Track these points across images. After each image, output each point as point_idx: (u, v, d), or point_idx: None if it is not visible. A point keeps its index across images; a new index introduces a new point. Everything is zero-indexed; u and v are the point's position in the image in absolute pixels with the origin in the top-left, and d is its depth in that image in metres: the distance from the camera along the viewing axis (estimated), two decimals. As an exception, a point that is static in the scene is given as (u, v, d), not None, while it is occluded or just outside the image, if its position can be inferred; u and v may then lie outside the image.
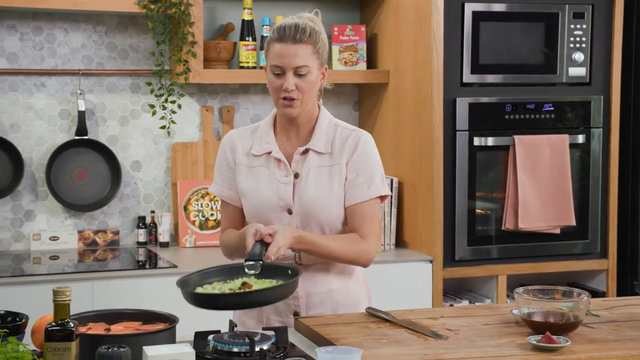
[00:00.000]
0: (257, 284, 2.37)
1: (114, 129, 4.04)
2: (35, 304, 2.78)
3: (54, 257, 3.83)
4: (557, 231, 3.92)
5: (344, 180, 2.61)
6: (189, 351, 1.84)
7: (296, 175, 2.61)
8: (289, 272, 2.39)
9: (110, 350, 1.76)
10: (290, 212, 2.59)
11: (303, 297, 2.61)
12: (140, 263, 3.82)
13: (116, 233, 4.04)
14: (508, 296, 3.99)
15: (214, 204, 4.05)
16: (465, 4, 3.78)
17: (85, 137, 3.96)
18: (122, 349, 1.77)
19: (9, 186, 3.89)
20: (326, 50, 2.64)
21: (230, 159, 2.68)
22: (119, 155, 4.01)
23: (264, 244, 2.44)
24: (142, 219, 4.04)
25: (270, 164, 2.63)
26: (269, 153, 2.63)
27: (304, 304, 2.62)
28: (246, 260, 2.41)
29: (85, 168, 3.99)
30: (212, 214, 4.04)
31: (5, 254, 3.87)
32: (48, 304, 2.83)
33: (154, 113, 3.92)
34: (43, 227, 3.96)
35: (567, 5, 3.91)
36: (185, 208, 4.03)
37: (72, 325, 1.79)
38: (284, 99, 2.55)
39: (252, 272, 2.38)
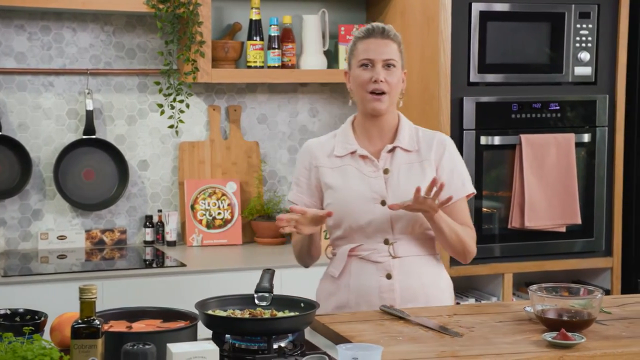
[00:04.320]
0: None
1: (122, 129, 4.05)
2: (43, 303, 2.78)
3: (62, 256, 3.84)
4: (563, 229, 3.94)
5: (435, 175, 2.64)
6: (213, 348, 1.86)
7: (386, 171, 2.67)
8: (302, 304, 2.38)
9: (136, 347, 1.77)
10: (384, 203, 2.63)
11: (398, 291, 2.65)
12: (148, 262, 3.83)
13: (123, 232, 4.05)
14: (514, 294, 4.01)
15: (221, 202, 4.07)
16: (473, 4, 3.80)
17: (93, 137, 3.97)
18: (147, 346, 1.78)
19: (17, 185, 3.90)
20: (405, 57, 2.73)
21: (310, 165, 2.73)
22: (127, 155, 4.02)
23: (272, 274, 2.47)
24: (149, 218, 4.05)
25: (356, 162, 2.69)
26: (353, 152, 2.69)
27: (399, 298, 2.65)
28: (256, 292, 2.42)
29: (93, 167, 4.01)
30: (219, 213, 4.06)
31: (13, 253, 3.88)
32: (56, 303, 2.87)
33: (162, 112, 3.93)
34: (51, 226, 3.97)
35: (573, 5, 3.94)
36: (193, 207, 4.05)
37: (98, 322, 1.80)
38: (373, 92, 2.63)
39: (263, 303, 2.40)
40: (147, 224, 4.04)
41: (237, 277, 3.57)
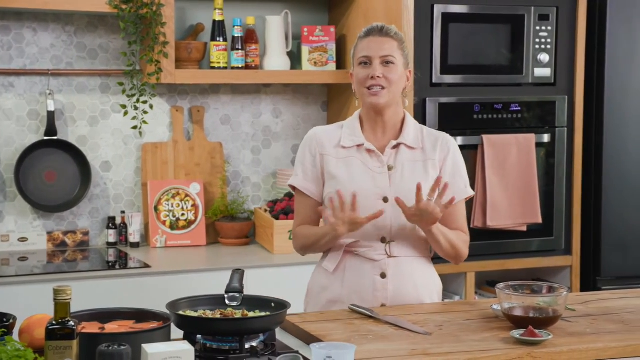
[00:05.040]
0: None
1: (84, 130, 4.03)
2: (4, 306, 2.74)
3: (23, 259, 3.80)
4: (524, 229, 4.00)
5: (438, 175, 2.66)
6: (188, 348, 1.86)
7: (389, 168, 2.69)
8: (272, 304, 2.39)
9: (111, 348, 1.77)
10: (386, 200, 2.65)
11: (390, 290, 2.67)
12: (111, 263, 3.80)
13: (86, 234, 4.03)
14: (476, 293, 4.06)
15: (185, 204, 4.06)
16: (435, 6, 3.84)
17: (55, 138, 3.93)
18: (122, 347, 1.78)
19: (-22, 187, 3.85)
20: (410, 56, 2.76)
21: (316, 152, 2.73)
22: (89, 156, 3.99)
23: (242, 275, 2.47)
24: (112, 219, 4.03)
25: (362, 156, 2.70)
26: (360, 145, 2.70)
27: (391, 297, 2.67)
28: (226, 292, 2.42)
29: (55, 169, 3.97)
30: (182, 214, 4.05)
31: (-26, 255, 3.84)
32: (18, 306, 2.83)
33: (125, 113, 3.91)
34: (11, 228, 3.93)
35: (532, 8, 4.00)
36: (156, 208, 4.03)
37: (73, 324, 1.80)
38: (370, 88, 2.65)
39: (233, 303, 2.40)
40: (110, 225, 4.02)
41: (202, 278, 3.57)
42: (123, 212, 4.05)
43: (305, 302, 2.81)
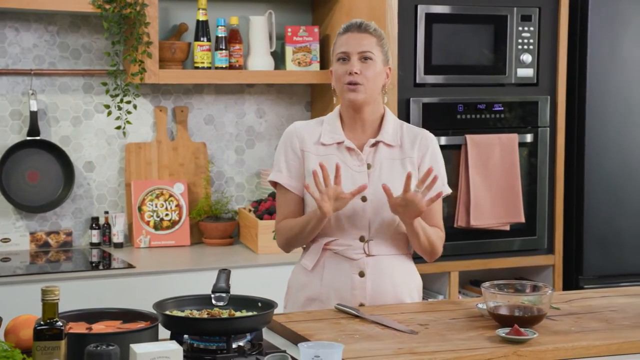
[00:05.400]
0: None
1: (67, 130, 4.01)
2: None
3: (5, 259, 3.78)
4: (507, 228, 4.02)
5: (416, 173, 2.67)
6: (176, 348, 1.86)
7: (368, 166, 2.68)
8: (259, 304, 2.39)
9: (99, 348, 1.77)
10: (364, 199, 2.64)
11: (369, 289, 2.67)
12: (94, 264, 3.79)
13: (69, 234, 4.01)
14: (460, 292, 4.07)
15: (169, 204, 4.05)
16: (418, 6, 3.85)
17: (38, 138, 3.92)
18: (111, 347, 1.78)
19: (-40, 187, 3.83)
20: (390, 53, 2.74)
21: (297, 147, 2.72)
22: (72, 156, 3.98)
23: (228, 275, 2.47)
24: (95, 219, 4.01)
25: (342, 154, 2.69)
26: (340, 143, 2.69)
27: (369, 296, 2.67)
28: (213, 292, 2.42)
29: (38, 169, 3.95)
30: (166, 214, 4.04)
31: (-44, 256, 3.82)
32: (0, 307, 2.82)
33: (109, 113, 3.90)
34: (-6, 229, 3.92)
35: (515, 8, 4.02)
36: (140, 208, 4.02)
37: (61, 324, 1.79)
38: (349, 83, 2.63)
39: (220, 303, 2.40)
40: (94, 225, 4.01)
41: (186, 279, 3.57)
42: (106, 212, 4.03)
43: (285, 299, 2.82)
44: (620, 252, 4.21)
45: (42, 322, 1.79)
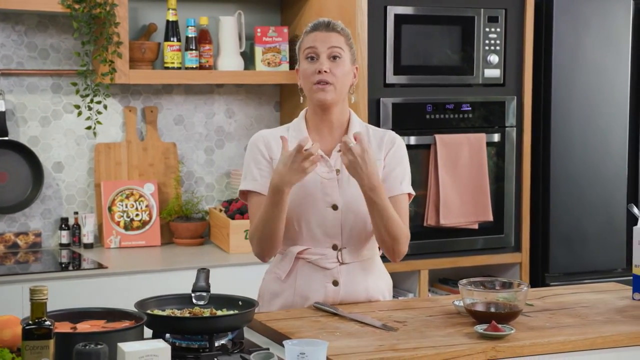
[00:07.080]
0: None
1: (35, 130, 3.98)
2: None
3: (-26, 261, 3.75)
4: (476, 226, 4.07)
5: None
6: (164, 346, 1.87)
7: (337, 172, 2.64)
8: (240, 302, 2.40)
9: (88, 347, 1.77)
10: (335, 207, 2.62)
11: (342, 296, 2.66)
12: (64, 265, 3.77)
13: (38, 235, 3.99)
14: (429, 290, 4.12)
15: (139, 204, 4.04)
16: (388, 7, 3.89)
17: (6, 138, 3.89)
18: (99, 346, 1.78)
19: None
20: (358, 53, 2.70)
21: (266, 154, 2.66)
22: (41, 157, 3.96)
23: (207, 274, 2.45)
24: (64, 220, 3.99)
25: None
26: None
27: (341, 301, 2.66)
28: (193, 291, 2.42)
29: (6, 169, 3.92)
30: (137, 215, 4.03)
31: None
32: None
33: (79, 114, 3.89)
34: (-38, 231, 3.88)
35: (482, 10, 4.07)
36: (110, 209, 4.01)
37: (50, 323, 1.79)
38: (318, 83, 2.58)
39: (201, 302, 2.40)
40: (63, 226, 3.98)
41: (159, 278, 3.57)
42: (76, 213, 4.01)
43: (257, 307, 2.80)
44: (585, 250, 4.28)
45: (30, 322, 1.79)
